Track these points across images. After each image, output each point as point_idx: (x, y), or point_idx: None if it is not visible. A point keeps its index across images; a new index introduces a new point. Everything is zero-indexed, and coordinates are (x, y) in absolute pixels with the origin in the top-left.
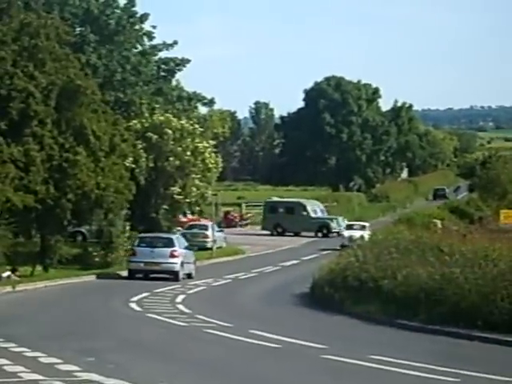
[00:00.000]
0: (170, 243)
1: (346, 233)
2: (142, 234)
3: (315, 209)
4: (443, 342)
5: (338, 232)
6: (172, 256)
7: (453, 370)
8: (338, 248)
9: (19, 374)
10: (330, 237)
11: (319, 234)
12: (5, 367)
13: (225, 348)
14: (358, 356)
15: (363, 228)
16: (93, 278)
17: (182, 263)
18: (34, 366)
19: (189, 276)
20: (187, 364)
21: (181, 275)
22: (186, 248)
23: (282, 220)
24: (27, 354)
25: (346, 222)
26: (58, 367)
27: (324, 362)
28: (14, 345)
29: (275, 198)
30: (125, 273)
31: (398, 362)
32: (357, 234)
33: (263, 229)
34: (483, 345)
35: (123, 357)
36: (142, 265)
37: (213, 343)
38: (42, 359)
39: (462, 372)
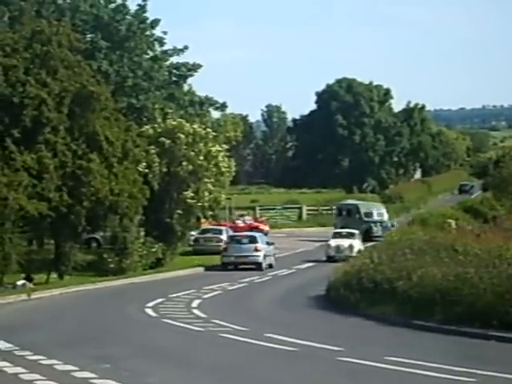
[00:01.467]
0: (254, 240)
1: (333, 242)
2: (232, 233)
3: (371, 211)
4: (459, 342)
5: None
6: (256, 250)
7: (469, 370)
8: (324, 260)
9: (35, 382)
10: (374, 240)
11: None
12: (21, 375)
13: (241, 352)
14: (374, 357)
15: (352, 236)
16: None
17: (265, 256)
18: (50, 373)
19: (270, 266)
20: (203, 369)
21: (264, 266)
22: (267, 243)
23: (344, 222)
24: (43, 362)
25: (336, 230)
26: (74, 374)
27: (339, 364)
28: (29, 353)
29: (349, 201)
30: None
31: (413, 362)
32: (345, 243)
33: None
34: (499, 344)
35: (139, 363)
36: (232, 258)
37: (229, 347)
38: (57, 367)
39: (478, 372)
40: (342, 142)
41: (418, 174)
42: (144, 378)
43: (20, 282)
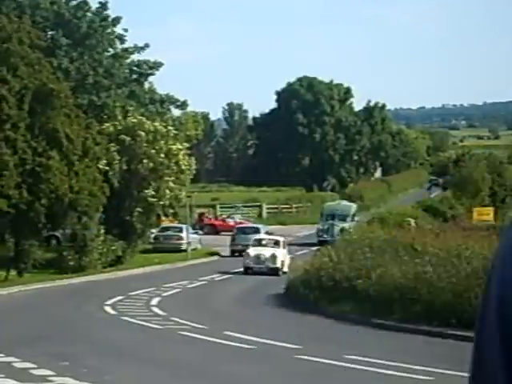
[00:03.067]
0: (257, 230)
1: (252, 251)
2: (239, 225)
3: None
4: (418, 341)
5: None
6: None
7: (427, 369)
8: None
9: None
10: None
11: None
12: None
13: (199, 350)
14: (333, 356)
15: (276, 244)
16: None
17: None
18: (8, 371)
19: None
20: (161, 367)
21: None
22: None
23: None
24: (1, 360)
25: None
26: (33, 372)
27: (298, 362)
28: None
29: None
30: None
31: (372, 361)
32: (267, 252)
33: None
34: (457, 343)
35: (97, 360)
36: (240, 246)
37: (187, 345)
38: (16, 364)
39: (436, 370)
40: (303, 140)
41: (378, 173)
42: (101, 375)
43: None
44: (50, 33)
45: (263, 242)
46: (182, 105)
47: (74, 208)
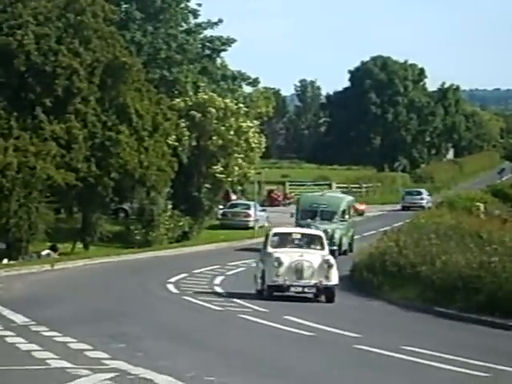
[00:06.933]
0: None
1: (283, 255)
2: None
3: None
4: (478, 332)
5: None
6: None
7: (485, 364)
8: None
9: (47, 361)
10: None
11: None
12: (34, 353)
13: (258, 335)
14: (391, 347)
15: (319, 242)
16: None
17: None
18: (63, 352)
19: None
20: (218, 353)
21: None
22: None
23: None
24: (57, 339)
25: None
26: (87, 354)
27: (356, 352)
28: (45, 328)
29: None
30: None
31: (429, 353)
32: (311, 259)
33: None
34: None
35: (154, 344)
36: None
37: (246, 330)
38: (71, 345)
39: (494, 366)
40: (375, 120)
41: (450, 155)
42: (156, 360)
43: (45, 252)
44: (124, 6)
45: (297, 241)
46: (254, 82)
47: (142, 183)
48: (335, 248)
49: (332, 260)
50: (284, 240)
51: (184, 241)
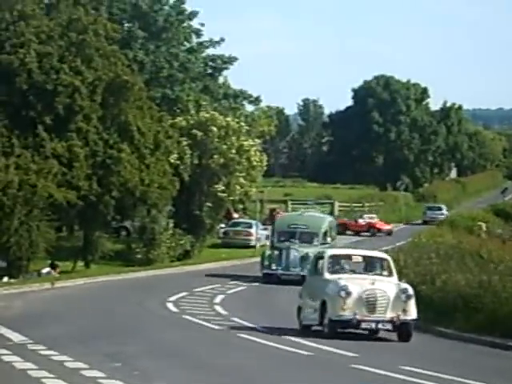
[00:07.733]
0: None
1: (351, 284)
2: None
3: None
4: (478, 352)
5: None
6: None
7: None
8: None
9: (42, 380)
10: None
11: None
12: (29, 372)
13: (256, 355)
14: (388, 366)
15: (383, 269)
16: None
17: None
18: (59, 371)
19: None
20: (216, 372)
21: None
22: None
23: None
24: (54, 358)
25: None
26: (83, 373)
27: (353, 372)
28: (42, 347)
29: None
30: None
31: (428, 373)
32: (385, 288)
33: None
34: None
35: (151, 363)
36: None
37: (245, 350)
38: (68, 364)
39: None
40: (378, 139)
41: (453, 174)
42: (152, 380)
43: (45, 270)
44: (126, 25)
45: (358, 266)
46: (256, 100)
47: (143, 201)
48: None
49: (410, 290)
50: (342, 264)
51: (185, 259)
